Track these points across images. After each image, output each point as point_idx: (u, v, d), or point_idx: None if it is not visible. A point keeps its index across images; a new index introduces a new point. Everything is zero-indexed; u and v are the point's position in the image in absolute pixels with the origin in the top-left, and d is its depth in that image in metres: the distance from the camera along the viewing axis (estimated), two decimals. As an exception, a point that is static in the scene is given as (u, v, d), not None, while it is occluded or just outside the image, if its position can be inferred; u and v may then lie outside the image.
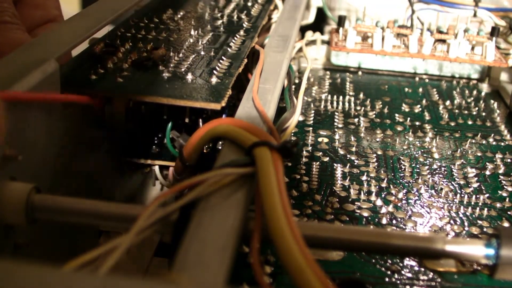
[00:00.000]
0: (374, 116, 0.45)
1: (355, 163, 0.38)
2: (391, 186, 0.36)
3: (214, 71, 0.32)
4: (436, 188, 0.36)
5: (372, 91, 0.50)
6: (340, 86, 0.51)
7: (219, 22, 0.42)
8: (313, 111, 0.46)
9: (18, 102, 0.24)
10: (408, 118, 0.45)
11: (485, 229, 0.32)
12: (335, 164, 0.38)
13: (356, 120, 0.45)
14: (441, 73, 0.55)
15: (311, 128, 0.43)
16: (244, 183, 0.22)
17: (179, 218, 0.21)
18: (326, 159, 0.39)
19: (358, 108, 0.47)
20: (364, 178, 0.36)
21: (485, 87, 0.53)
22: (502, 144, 0.42)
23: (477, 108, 0.48)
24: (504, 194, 0.36)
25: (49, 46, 0.28)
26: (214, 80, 0.31)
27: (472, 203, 0.34)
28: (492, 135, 0.43)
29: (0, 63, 0.26)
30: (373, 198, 0.34)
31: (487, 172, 0.38)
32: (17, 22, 0.38)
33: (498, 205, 0.34)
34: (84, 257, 0.18)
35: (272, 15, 0.49)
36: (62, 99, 0.27)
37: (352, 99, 0.48)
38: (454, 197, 0.35)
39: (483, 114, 0.47)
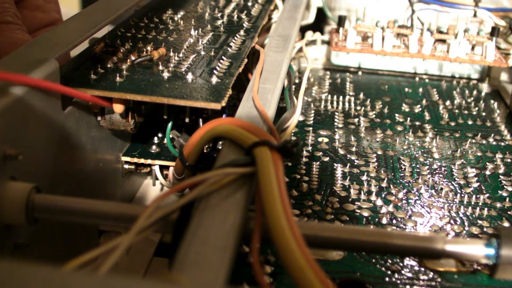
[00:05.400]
0: (374, 116, 0.45)
1: (355, 163, 0.38)
2: (391, 186, 0.36)
3: (214, 71, 0.32)
4: (436, 188, 0.36)
5: (372, 91, 0.50)
6: (340, 86, 0.51)
7: (219, 22, 0.42)
8: (313, 111, 0.46)
9: (18, 99, 0.24)
10: (408, 118, 0.45)
11: (485, 229, 0.32)
12: (335, 164, 0.38)
13: (356, 120, 0.45)
14: (441, 73, 0.55)
15: (311, 128, 0.43)
16: (244, 183, 0.22)
17: (179, 218, 0.21)
18: (326, 159, 0.39)
19: (358, 108, 0.47)
20: (364, 178, 0.36)
21: (485, 87, 0.53)
22: (502, 144, 0.42)
23: (477, 108, 0.48)
24: (504, 194, 0.36)
25: (49, 46, 0.28)
26: (214, 80, 0.31)
27: (472, 203, 0.34)
28: (492, 135, 0.43)
29: (0, 63, 0.26)
30: (373, 198, 0.34)
31: (487, 172, 0.38)
32: (18, 23, 0.38)
33: (498, 205, 0.34)
34: (84, 257, 0.18)
35: (272, 15, 0.49)
36: (62, 91, 0.27)
37: (352, 99, 0.48)
38: (454, 197, 0.35)
39: (483, 114, 0.47)
